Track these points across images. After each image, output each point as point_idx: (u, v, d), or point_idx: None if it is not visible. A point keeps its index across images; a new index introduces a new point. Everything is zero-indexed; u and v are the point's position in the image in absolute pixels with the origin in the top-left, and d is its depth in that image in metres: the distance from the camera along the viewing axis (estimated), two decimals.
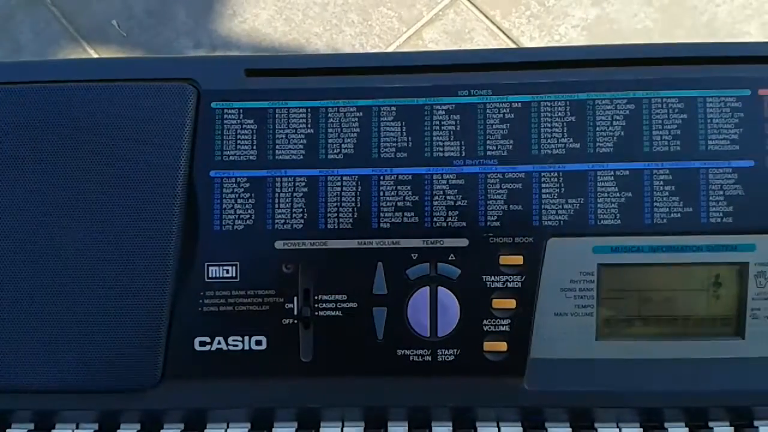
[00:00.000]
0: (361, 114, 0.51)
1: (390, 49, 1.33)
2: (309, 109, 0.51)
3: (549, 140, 0.50)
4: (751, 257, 0.50)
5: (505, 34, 1.33)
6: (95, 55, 1.34)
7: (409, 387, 0.51)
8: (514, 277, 0.50)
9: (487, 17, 1.33)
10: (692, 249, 0.50)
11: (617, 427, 0.53)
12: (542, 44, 1.37)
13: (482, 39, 1.36)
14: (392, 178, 0.50)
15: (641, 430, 0.52)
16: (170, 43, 1.37)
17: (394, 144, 0.51)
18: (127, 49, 1.36)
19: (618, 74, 0.50)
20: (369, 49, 1.35)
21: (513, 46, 1.31)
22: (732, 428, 0.52)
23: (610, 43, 1.33)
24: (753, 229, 0.49)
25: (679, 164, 0.50)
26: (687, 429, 0.52)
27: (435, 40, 1.34)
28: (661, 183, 0.50)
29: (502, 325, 0.50)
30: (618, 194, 0.50)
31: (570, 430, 0.52)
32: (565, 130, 0.50)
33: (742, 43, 0.51)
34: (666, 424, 0.52)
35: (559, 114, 0.50)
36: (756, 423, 0.52)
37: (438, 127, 0.51)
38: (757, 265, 0.50)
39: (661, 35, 1.31)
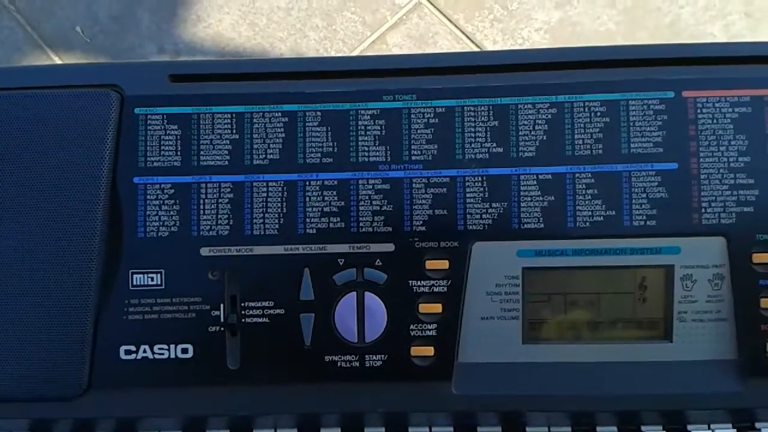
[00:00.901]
0: (286, 119, 0.51)
1: (355, 53, 1.33)
2: (234, 115, 0.51)
3: (473, 145, 0.50)
4: (676, 260, 0.50)
5: (468, 37, 1.34)
6: (59, 62, 1.33)
7: (338, 393, 0.51)
8: (440, 281, 0.50)
9: (450, 21, 1.33)
10: (616, 252, 0.50)
11: (548, 430, 0.53)
12: (506, 47, 1.38)
13: (446, 43, 1.36)
14: (318, 183, 0.50)
15: None
16: (134, 49, 1.36)
17: (320, 149, 0.51)
18: (91, 55, 1.35)
19: (540, 78, 0.50)
20: (334, 54, 1.35)
21: (476, 49, 1.32)
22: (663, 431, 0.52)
23: (572, 45, 1.34)
24: (677, 231, 0.50)
25: (601, 167, 0.50)
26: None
27: (399, 44, 1.34)
28: (584, 186, 0.50)
29: (429, 330, 0.50)
30: (541, 198, 0.50)
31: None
32: (488, 135, 0.50)
33: (665, 45, 0.52)
34: (598, 428, 0.53)
35: (483, 119, 0.50)
36: (689, 427, 0.52)
37: (363, 132, 0.51)
38: (683, 268, 0.50)
39: (624, 37, 1.32)
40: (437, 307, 0.50)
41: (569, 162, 0.50)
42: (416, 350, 0.50)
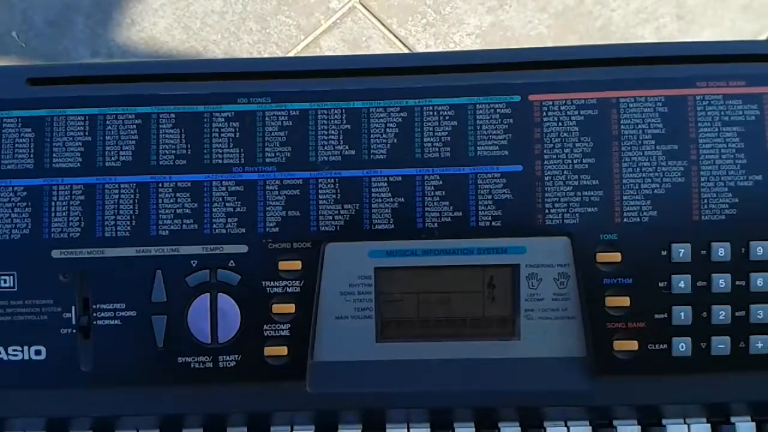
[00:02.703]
0: (139, 121, 0.51)
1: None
2: (87, 117, 0.51)
3: (326, 147, 0.51)
4: (522, 259, 0.51)
5: (401, 41, 1.35)
6: None
7: (192, 394, 0.51)
8: (293, 282, 0.51)
9: (384, 25, 1.34)
10: (464, 252, 0.51)
11: (407, 427, 0.53)
12: (438, 51, 1.39)
13: (379, 47, 1.37)
14: (171, 185, 0.51)
15: (429, 429, 0.53)
16: (68, 53, 1.36)
17: (173, 151, 0.51)
18: (26, 59, 1.34)
19: (391, 83, 0.51)
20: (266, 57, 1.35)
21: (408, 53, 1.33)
22: (519, 428, 0.53)
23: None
24: (522, 231, 0.51)
25: (449, 170, 0.51)
26: (473, 428, 0.53)
27: (332, 48, 1.35)
28: (432, 188, 0.51)
29: (282, 330, 0.51)
30: (391, 200, 0.51)
31: (359, 431, 0.53)
32: (341, 138, 0.51)
33: (512, 50, 0.53)
34: (455, 425, 0.53)
35: (335, 122, 0.51)
36: (546, 425, 0.53)
37: (217, 134, 0.51)
38: (528, 267, 0.51)
39: (555, 41, 1.34)
40: (290, 308, 0.51)
41: (419, 164, 0.51)
42: (270, 350, 0.51)
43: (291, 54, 1.38)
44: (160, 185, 0.51)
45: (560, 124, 0.50)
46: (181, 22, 1.37)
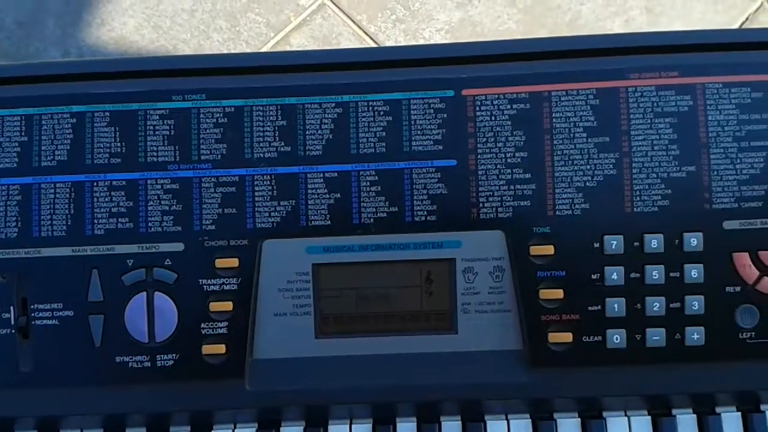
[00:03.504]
0: (74, 120, 0.51)
1: None
2: (23, 117, 0.51)
3: (261, 144, 0.51)
4: (458, 253, 0.51)
5: (371, 38, 1.35)
6: None
7: (132, 394, 0.51)
8: (231, 279, 0.51)
9: (353, 22, 1.34)
10: (400, 247, 0.51)
11: (350, 423, 0.54)
12: None
13: (349, 43, 1.37)
14: (106, 184, 0.51)
15: (371, 424, 0.53)
16: (39, 53, 1.35)
17: (108, 150, 0.51)
18: None
19: (326, 79, 0.51)
20: None
21: None
22: (460, 422, 0.53)
23: None
24: (457, 226, 0.51)
25: (384, 165, 0.51)
26: (415, 422, 0.53)
27: (302, 45, 1.35)
28: (368, 184, 0.51)
29: (220, 328, 0.51)
30: (327, 196, 0.51)
31: (302, 427, 0.53)
32: (276, 134, 0.51)
33: (446, 45, 0.53)
34: (397, 419, 0.54)
35: (271, 118, 0.51)
36: (487, 417, 0.53)
37: (152, 132, 0.51)
38: (464, 261, 0.51)
39: (524, 36, 1.34)
40: (228, 305, 0.51)
41: (354, 160, 0.51)
42: (208, 348, 0.51)
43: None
44: (95, 184, 0.51)
45: (493, 118, 0.51)
46: (151, 21, 1.37)
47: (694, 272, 0.49)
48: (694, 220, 0.49)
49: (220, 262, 0.51)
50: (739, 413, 0.52)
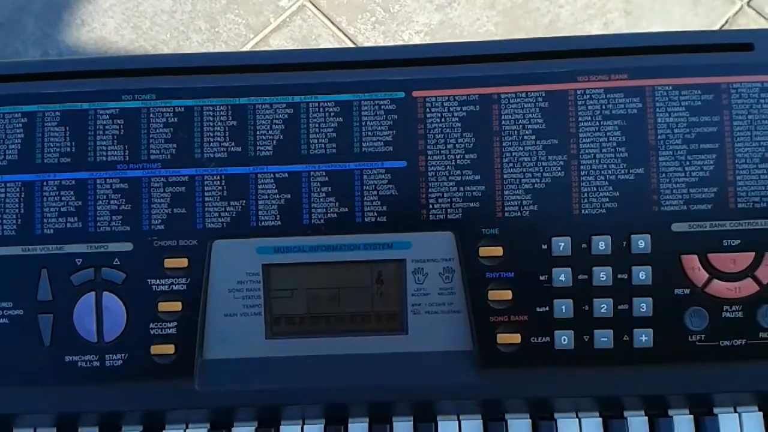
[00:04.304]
0: (25, 120, 0.51)
1: None
2: None
3: (211, 144, 0.51)
4: (408, 254, 0.51)
5: (350, 39, 1.35)
6: None
7: (82, 393, 0.51)
8: (180, 279, 0.51)
9: (333, 23, 1.34)
10: (351, 247, 0.51)
11: (302, 424, 0.54)
12: None
13: (328, 45, 1.37)
14: (55, 183, 0.51)
15: (323, 424, 0.53)
16: (19, 54, 1.35)
17: (58, 149, 0.51)
18: None
19: (277, 79, 0.51)
20: None
21: None
22: (412, 422, 0.53)
23: None
24: (407, 226, 0.51)
25: (334, 166, 0.51)
26: (367, 423, 0.53)
27: (282, 46, 1.35)
28: (318, 184, 0.51)
29: (169, 328, 0.51)
30: (278, 196, 0.51)
31: (254, 428, 0.53)
32: (226, 134, 0.51)
33: (396, 47, 0.53)
34: (350, 420, 0.53)
35: (221, 118, 0.51)
36: (439, 418, 0.53)
37: (102, 132, 0.51)
38: (414, 262, 0.51)
39: (503, 38, 1.34)
40: (177, 306, 0.51)
41: (305, 161, 0.51)
42: (156, 348, 0.51)
43: None
44: (44, 183, 0.50)
45: (443, 120, 0.51)
46: (131, 21, 1.37)
47: (642, 274, 0.49)
48: (642, 223, 0.49)
49: (169, 262, 0.50)
50: (692, 416, 0.52)
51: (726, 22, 1.38)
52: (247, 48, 1.33)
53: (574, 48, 0.51)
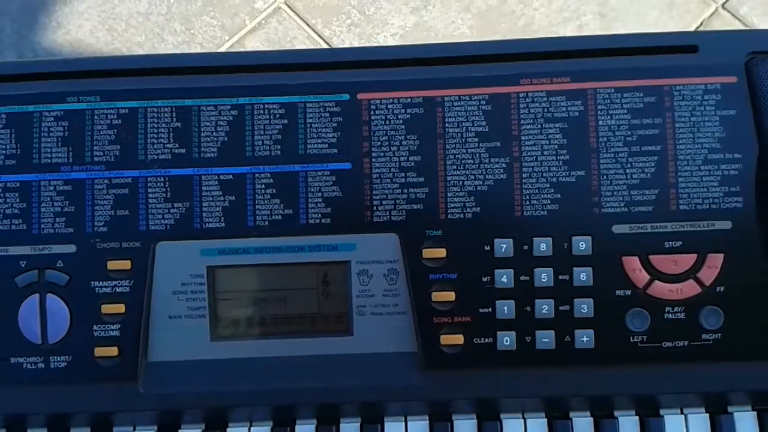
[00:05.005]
0: None
1: None
2: None
3: (155, 146, 0.51)
4: (352, 256, 0.51)
5: (325, 41, 1.35)
6: None
7: (28, 395, 0.51)
8: (123, 281, 0.51)
9: (308, 26, 1.34)
10: (295, 249, 0.51)
11: (249, 426, 0.54)
12: None
13: (303, 47, 1.37)
14: (0, 185, 0.50)
15: (270, 426, 0.53)
16: None
17: (3, 151, 0.51)
18: None
19: (221, 81, 0.51)
20: None
21: None
22: (359, 424, 0.53)
23: None
24: (352, 228, 0.51)
25: (279, 168, 0.51)
26: (314, 424, 0.53)
27: (257, 48, 1.35)
28: (263, 186, 0.51)
29: (113, 330, 0.51)
30: (222, 198, 0.51)
31: (201, 430, 0.53)
32: (171, 136, 0.51)
33: (341, 49, 0.53)
34: (297, 422, 0.53)
35: (165, 120, 0.51)
36: (386, 419, 0.53)
37: (46, 134, 0.51)
38: (359, 264, 0.51)
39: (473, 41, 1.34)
40: (120, 308, 0.50)
41: (249, 163, 0.51)
42: (100, 351, 0.51)
43: None
44: None
45: (387, 122, 0.51)
46: (106, 24, 1.37)
47: (583, 275, 0.49)
48: (583, 224, 0.50)
49: (113, 264, 0.50)
50: (637, 417, 0.53)
51: (701, 24, 1.39)
52: (222, 50, 1.33)
53: (518, 51, 0.51)
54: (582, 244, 0.49)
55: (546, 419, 0.53)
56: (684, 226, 0.50)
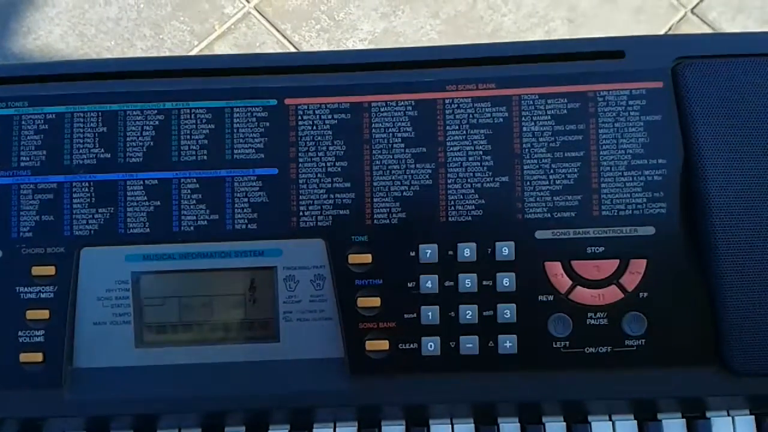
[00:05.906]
0: None
1: None
2: None
3: (81, 151, 0.51)
4: (279, 261, 0.51)
5: (294, 47, 1.35)
6: None
7: None
8: (47, 287, 0.50)
9: (278, 31, 1.34)
10: (222, 255, 0.51)
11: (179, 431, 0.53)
12: None
13: (272, 51, 1.37)
14: None
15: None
16: None
17: None
18: None
19: (148, 86, 0.51)
20: None
21: None
22: (288, 429, 0.53)
23: None
24: (278, 234, 0.51)
25: (205, 173, 0.51)
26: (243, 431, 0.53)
27: (226, 52, 1.35)
28: (189, 191, 0.51)
29: (37, 336, 0.50)
30: (147, 203, 0.51)
31: None
32: (96, 141, 0.51)
33: (268, 54, 0.53)
34: (226, 429, 0.53)
35: (91, 125, 0.51)
36: (315, 426, 0.53)
37: None
38: (285, 269, 0.51)
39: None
40: (44, 314, 0.50)
41: (175, 168, 0.51)
42: (25, 357, 0.50)
43: None
44: None
45: (315, 127, 0.51)
46: (77, 29, 1.37)
47: (506, 281, 0.50)
48: (506, 230, 0.50)
49: (37, 270, 0.50)
50: (564, 423, 0.53)
51: (669, 29, 1.40)
52: (192, 54, 1.33)
53: (444, 57, 0.51)
54: (505, 250, 0.50)
55: (473, 425, 0.53)
56: (607, 232, 0.50)
